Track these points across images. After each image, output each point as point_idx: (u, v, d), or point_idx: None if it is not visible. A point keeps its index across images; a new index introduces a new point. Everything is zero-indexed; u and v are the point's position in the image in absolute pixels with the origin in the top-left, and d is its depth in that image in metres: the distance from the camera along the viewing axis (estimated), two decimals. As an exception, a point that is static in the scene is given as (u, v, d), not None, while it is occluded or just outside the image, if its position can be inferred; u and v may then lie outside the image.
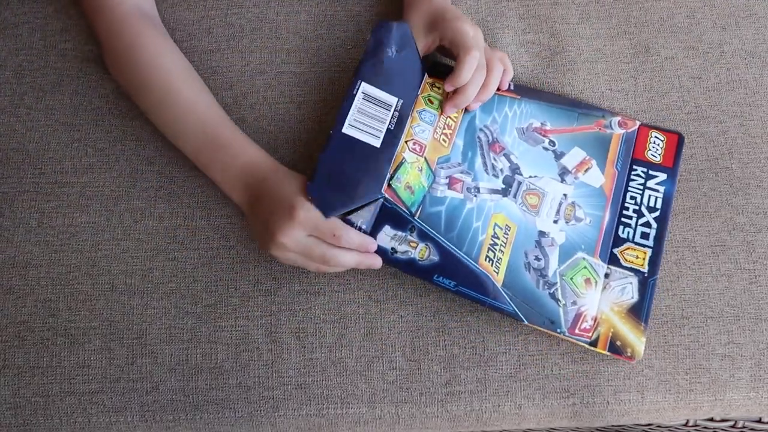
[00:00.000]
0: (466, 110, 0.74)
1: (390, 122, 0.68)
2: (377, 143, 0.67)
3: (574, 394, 0.68)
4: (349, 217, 0.65)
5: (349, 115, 0.67)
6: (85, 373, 0.67)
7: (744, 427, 0.76)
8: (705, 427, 0.77)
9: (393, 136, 0.68)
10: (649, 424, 0.80)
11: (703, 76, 0.79)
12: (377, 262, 0.66)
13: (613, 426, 0.80)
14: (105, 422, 0.67)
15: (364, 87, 0.69)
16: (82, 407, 0.67)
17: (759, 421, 0.74)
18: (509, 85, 0.76)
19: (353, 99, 0.68)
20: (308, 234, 0.64)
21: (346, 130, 0.67)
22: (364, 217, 0.66)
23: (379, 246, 0.66)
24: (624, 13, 0.83)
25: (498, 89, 0.74)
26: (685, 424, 0.76)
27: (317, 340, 0.69)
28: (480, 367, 0.68)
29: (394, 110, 0.69)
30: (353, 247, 0.64)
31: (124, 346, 0.68)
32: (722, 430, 0.77)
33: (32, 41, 0.80)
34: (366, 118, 0.68)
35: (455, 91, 0.71)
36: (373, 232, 0.66)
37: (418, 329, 0.69)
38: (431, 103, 0.72)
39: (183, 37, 0.80)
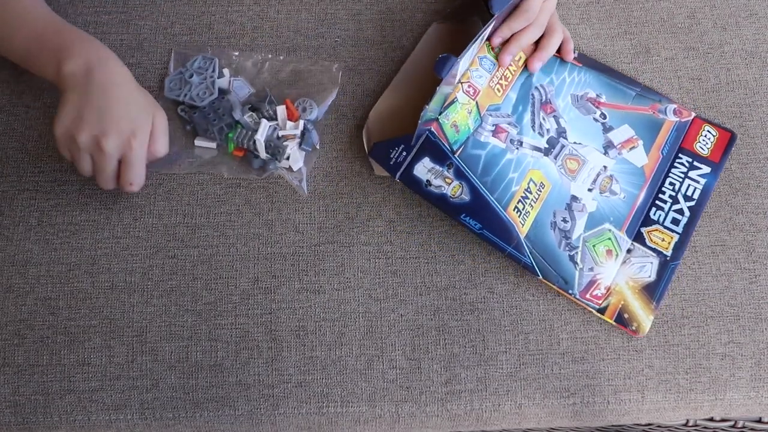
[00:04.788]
0: (528, 70, 0.76)
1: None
2: None
3: (575, 393, 0.68)
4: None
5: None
6: (85, 371, 0.67)
7: (744, 427, 0.76)
8: (705, 427, 0.77)
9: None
10: (649, 424, 0.80)
11: (703, 77, 0.79)
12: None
13: (613, 426, 0.80)
14: (105, 420, 0.67)
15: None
16: (82, 405, 0.67)
17: (759, 421, 0.74)
18: (575, 53, 0.78)
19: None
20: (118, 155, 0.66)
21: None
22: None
23: (414, 176, 0.68)
24: (624, 13, 0.83)
25: (561, 57, 0.77)
26: (685, 424, 0.76)
27: (317, 338, 0.68)
28: (480, 366, 0.68)
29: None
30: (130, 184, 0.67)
31: (124, 343, 0.68)
32: (722, 430, 0.77)
33: (32, 39, 0.80)
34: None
35: (509, 39, 0.74)
36: (413, 161, 0.68)
37: (418, 328, 0.69)
38: (493, 51, 0.74)
39: (183, 31, 0.80)
